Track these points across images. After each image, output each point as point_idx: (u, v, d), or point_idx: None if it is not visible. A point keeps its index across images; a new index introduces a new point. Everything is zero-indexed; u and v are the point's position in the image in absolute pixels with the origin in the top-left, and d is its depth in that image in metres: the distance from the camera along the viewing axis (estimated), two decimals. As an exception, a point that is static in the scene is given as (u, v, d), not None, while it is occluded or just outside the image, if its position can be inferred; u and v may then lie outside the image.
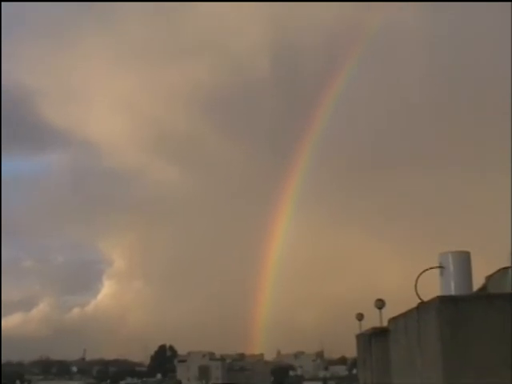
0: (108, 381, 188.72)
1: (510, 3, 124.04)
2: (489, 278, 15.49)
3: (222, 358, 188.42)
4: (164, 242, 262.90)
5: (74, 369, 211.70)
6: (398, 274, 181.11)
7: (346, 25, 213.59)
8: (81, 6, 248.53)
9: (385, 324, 17.64)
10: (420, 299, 12.58)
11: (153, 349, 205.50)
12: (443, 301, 11.75)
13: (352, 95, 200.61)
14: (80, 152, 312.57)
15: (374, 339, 18.33)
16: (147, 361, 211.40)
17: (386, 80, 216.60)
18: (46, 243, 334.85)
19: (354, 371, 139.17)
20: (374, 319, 19.39)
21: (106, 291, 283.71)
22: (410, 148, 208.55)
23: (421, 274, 12.65)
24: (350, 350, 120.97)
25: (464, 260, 12.43)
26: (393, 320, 15.67)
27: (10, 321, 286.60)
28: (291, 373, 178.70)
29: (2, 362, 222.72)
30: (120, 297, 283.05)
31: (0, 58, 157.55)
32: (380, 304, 19.02)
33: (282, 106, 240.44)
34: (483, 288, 15.46)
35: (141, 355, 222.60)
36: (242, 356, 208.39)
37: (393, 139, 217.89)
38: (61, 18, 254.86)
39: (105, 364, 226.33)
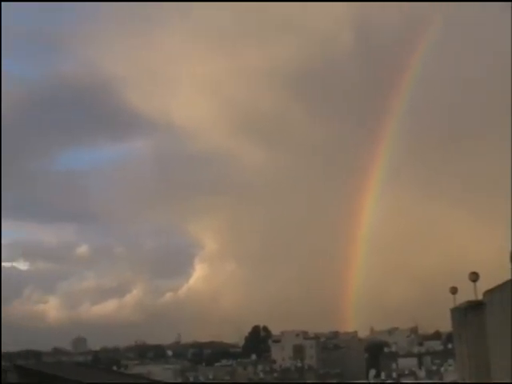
0: (203, 363, 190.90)
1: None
2: None
3: (316, 337, 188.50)
4: (254, 223, 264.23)
5: (169, 352, 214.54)
6: (488, 245, 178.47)
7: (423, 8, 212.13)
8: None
9: (479, 297, 17.17)
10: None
11: (246, 330, 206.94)
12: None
13: (427, 73, 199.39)
14: (166, 137, 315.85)
15: (470, 313, 17.88)
16: (241, 342, 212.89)
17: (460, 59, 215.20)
18: (137, 229, 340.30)
19: (450, 346, 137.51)
20: (468, 292, 18.95)
21: (198, 274, 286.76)
22: (489, 119, 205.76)
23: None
24: (445, 324, 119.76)
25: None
26: (488, 293, 15.19)
27: (105, 307, 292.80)
28: (385, 350, 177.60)
29: (99, 347, 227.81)
30: (212, 279, 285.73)
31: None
32: (474, 277, 18.56)
33: (365, 81, 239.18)
34: None
35: (235, 336, 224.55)
36: (335, 334, 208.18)
37: (469, 111, 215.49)
38: (141, 4, 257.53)
39: (199, 346, 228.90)
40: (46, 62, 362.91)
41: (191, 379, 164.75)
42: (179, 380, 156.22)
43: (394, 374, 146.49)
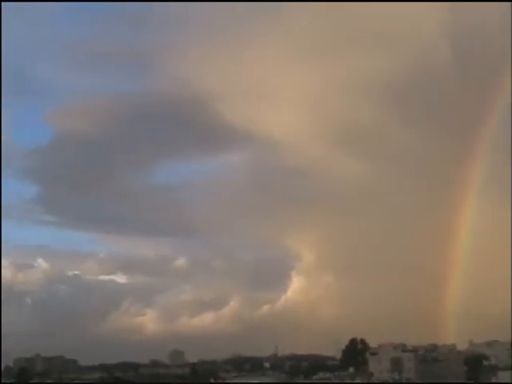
0: (301, 376, 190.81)
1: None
2: None
3: (414, 350, 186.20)
4: (350, 235, 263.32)
5: (267, 365, 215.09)
6: None
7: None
8: (249, 6, 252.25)
9: None
10: None
11: (344, 342, 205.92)
12: None
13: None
14: (261, 150, 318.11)
15: None
16: (339, 354, 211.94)
17: None
18: (234, 242, 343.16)
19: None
20: None
21: (295, 286, 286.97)
22: None
23: None
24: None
25: None
26: None
27: (203, 320, 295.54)
28: (485, 362, 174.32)
29: (197, 360, 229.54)
30: (309, 291, 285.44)
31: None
32: None
33: (463, 90, 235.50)
34: None
35: (332, 349, 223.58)
36: (434, 347, 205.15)
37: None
38: (231, 19, 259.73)
39: (297, 359, 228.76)
40: (139, 78, 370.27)
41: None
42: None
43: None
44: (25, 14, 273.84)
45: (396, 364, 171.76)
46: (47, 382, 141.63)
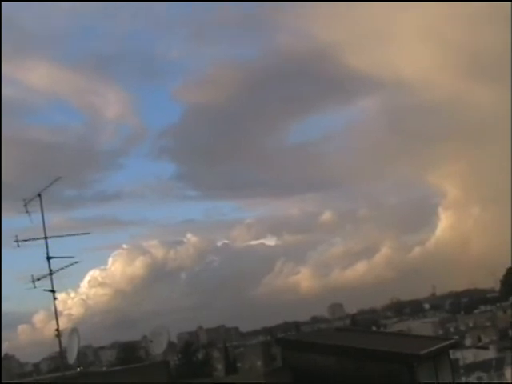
0: (461, 312, 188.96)
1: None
2: None
3: None
4: (493, 164, 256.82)
5: (426, 306, 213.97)
6: None
7: None
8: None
9: None
10: None
11: (501, 272, 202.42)
12: None
13: None
14: (392, 92, 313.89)
15: None
16: (497, 286, 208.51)
17: None
18: (377, 188, 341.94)
19: None
20: None
21: (444, 224, 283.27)
22: None
23: None
24: None
25: None
26: None
27: (356, 270, 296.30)
28: None
29: (356, 310, 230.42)
30: (459, 226, 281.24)
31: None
32: None
33: None
34: None
35: (490, 281, 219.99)
36: None
37: None
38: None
39: (456, 296, 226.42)
40: (261, 40, 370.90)
41: (452, 330, 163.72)
42: (440, 332, 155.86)
43: None
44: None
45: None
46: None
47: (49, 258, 19.45)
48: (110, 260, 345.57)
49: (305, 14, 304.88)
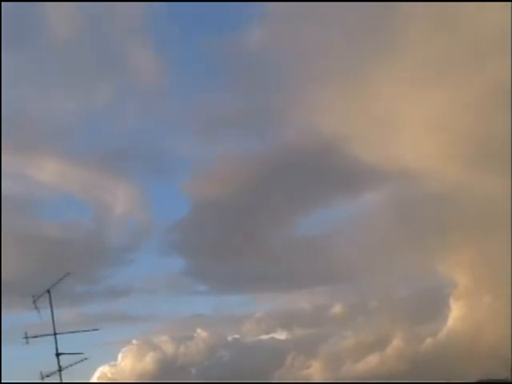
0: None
1: (510, 3, 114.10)
2: None
3: None
4: (503, 251, 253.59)
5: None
6: None
7: None
8: (363, 38, 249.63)
9: None
10: None
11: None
12: None
13: None
14: (399, 183, 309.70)
15: None
16: (510, 376, 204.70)
17: None
18: (386, 280, 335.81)
19: None
20: None
21: (456, 313, 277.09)
22: None
23: None
24: None
25: None
26: None
27: (368, 363, 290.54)
28: None
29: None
30: (471, 316, 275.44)
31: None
32: None
33: None
34: None
35: (504, 371, 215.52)
36: None
37: None
38: (344, 58, 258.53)
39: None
40: (264, 136, 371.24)
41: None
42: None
43: None
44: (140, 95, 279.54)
45: None
46: None
47: (58, 355, 19.37)
48: (120, 355, 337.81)
49: (311, 106, 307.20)
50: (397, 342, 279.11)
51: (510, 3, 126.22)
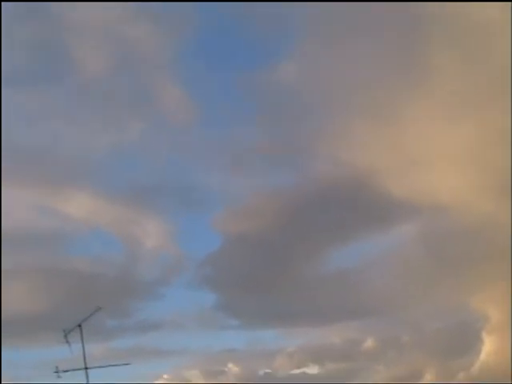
0: None
1: (510, 3, 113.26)
2: None
3: None
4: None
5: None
6: None
7: None
8: (394, 72, 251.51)
9: None
10: None
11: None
12: None
13: None
14: (430, 217, 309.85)
15: None
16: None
17: None
18: (418, 313, 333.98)
19: None
20: None
21: (488, 348, 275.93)
22: None
23: None
24: None
25: None
26: None
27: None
28: None
29: None
30: (503, 350, 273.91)
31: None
32: None
33: None
34: None
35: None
36: None
37: None
38: (375, 92, 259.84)
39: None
40: (295, 169, 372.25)
41: None
42: None
43: None
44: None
45: None
46: None
47: (89, 389, 19.58)
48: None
49: (340, 141, 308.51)
50: (429, 377, 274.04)
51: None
